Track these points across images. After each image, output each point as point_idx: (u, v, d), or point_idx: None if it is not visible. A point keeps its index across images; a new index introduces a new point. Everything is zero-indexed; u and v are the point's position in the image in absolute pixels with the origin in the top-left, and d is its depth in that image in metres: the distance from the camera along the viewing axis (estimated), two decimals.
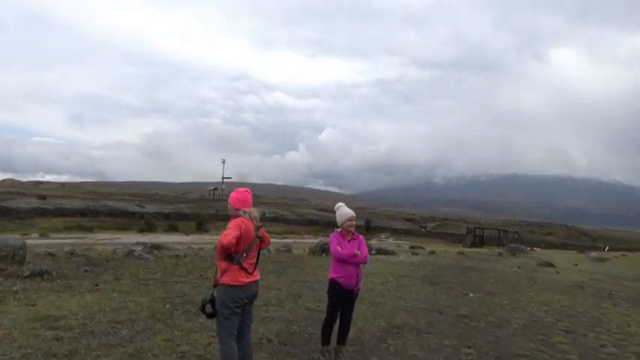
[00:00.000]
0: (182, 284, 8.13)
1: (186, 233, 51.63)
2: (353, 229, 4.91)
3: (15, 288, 6.86)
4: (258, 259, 4.01)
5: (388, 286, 9.47)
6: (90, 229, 46.67)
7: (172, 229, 54.70)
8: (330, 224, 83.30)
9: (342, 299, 4.79)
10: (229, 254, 3.76)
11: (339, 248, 4.75)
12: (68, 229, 44.90)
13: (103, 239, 38.81)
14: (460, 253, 20.71)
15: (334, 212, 5.07)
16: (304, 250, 19.65)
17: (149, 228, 51.64)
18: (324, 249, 15.52)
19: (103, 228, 48.85)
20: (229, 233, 3.67)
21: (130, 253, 10.80)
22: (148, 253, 11.73)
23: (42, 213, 46.96)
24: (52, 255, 9.89)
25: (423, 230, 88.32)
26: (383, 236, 73.08)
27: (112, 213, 53.45)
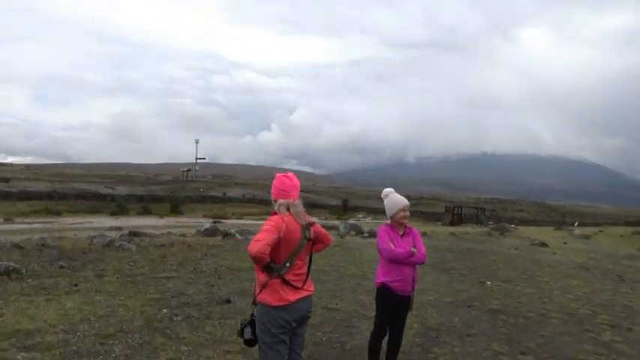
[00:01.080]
0: (175, 280, 7.11)
1: (161, 216, 49.84)
2: (406, 222, 4.01)
3: None
4: (310, 266, 3.05)
5: None
6: (58, 213, 44.41)
7: (146, 211, 52.80)
8: (305, 205, 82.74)
9: (393, 308, 3.91)
10: (267, 264, 2.80)
11: (392, 245, 3.85)
12: (35, 213, 42.56)
13: (73, 223, 36.88)
14: (451, 233, 20.19)
15: (310, 193, 4.19)
16: None
17: (121, 211, 49.63)
18: None
19: (72, 211, 46.64)
20: (261, 238, 2.69)
21: (110, 244, 9.64)
22: (129, 242, 10.58)
23: (6, 196, 44.37)
24: (19, 247, 8.68)
25: None
26: (360, 216, 72.80)
27: (82, 196, 51.14)
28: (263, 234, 2.73)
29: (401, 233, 3.97)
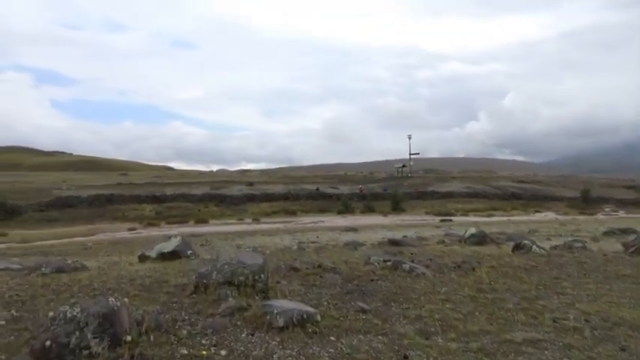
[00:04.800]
0: (555, 353, 4.11)
1: (384, 214, 49.33)
2: None
3: None
4: None
5: None
6: (293, 213, 47.75)
7: (369, 209, 53.12)
8: (535, 198, 72.38)
9: None
10: None
11: None
12: (275, 213, 46.51)
13: (308, 222, 38.59)
14: None
15: (536, 184, 1.00)
16: (592, 241, 14.20)
17: (347, 209, 50.81)
18: None
19: (305, 211, 49.60)
20: None
21: (396, 266, 7.27)
22: (411, 260, 8.15)
23: (251, 198, 49.62)
24: (295, 270, 6.94)
25: None
26: (607, 209, 60.30)
27: (311, 196, 54.08)
28: None
29: None
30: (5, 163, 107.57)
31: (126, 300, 4.25)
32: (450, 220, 38.54)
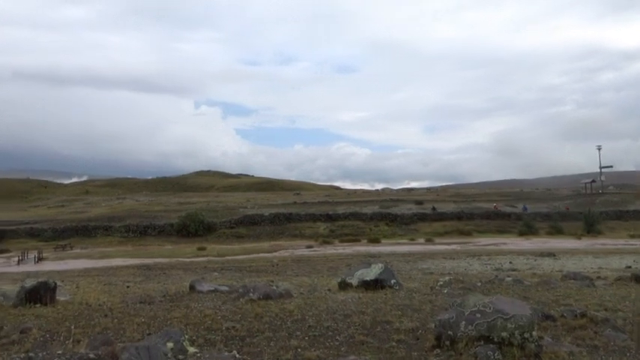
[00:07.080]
0: None
1: (577, 236, 42.69)
2: None
3: None
4: None
5: None
6: (468, 233, 44.41)
7: (556, 230, 46.77)
8: None
9: None
10: None
11: None
12: (448, 233, 43.85)
13: (487, 244, 35.22)
14: None
15: None
16: None
17: (530, 230, 45.50)
18: None
19: (481, 231, 45.82)
20: None
21: None
22: None
23: (422, 218, 47.77)
24: (552, 319, 5.28)
25: None
26: None
27: (487, 215, 49.88)
28: None
29: None
30: (201, 185, 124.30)
31: None
32: None
